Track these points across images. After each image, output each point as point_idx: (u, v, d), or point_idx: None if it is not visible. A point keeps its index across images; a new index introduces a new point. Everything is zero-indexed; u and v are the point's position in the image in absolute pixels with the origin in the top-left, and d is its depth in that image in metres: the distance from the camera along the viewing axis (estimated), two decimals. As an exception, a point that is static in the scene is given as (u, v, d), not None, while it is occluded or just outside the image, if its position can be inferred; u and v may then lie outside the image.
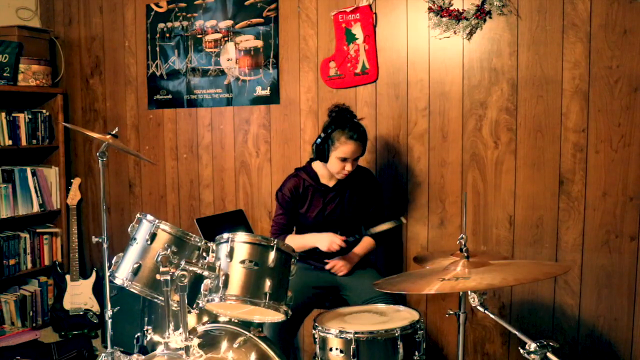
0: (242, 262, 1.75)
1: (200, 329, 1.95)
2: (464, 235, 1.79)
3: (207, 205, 3.36)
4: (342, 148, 2.30)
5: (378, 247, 2.54)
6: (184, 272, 1.67)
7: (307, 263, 2.49)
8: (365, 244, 2.50)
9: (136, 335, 2.21)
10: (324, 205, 2.44)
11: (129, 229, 1.93)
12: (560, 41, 2.40)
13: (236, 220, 2.91)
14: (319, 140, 2.35)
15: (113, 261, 1.92)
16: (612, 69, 2.32)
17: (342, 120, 2.34)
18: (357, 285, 2.39)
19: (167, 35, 3.40)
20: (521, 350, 1.51)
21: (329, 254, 2.40)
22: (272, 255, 1.77)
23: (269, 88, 3.10)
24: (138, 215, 1.93)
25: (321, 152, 2.35)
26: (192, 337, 1.75)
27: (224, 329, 1.95)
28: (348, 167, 2.33)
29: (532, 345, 1.49)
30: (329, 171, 2.41)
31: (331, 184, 2.46)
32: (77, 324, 3.46)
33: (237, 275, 1.74)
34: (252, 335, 1.90)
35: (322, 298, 2.44)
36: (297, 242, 2.38)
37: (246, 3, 3.12)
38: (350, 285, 2.42)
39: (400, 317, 2.04)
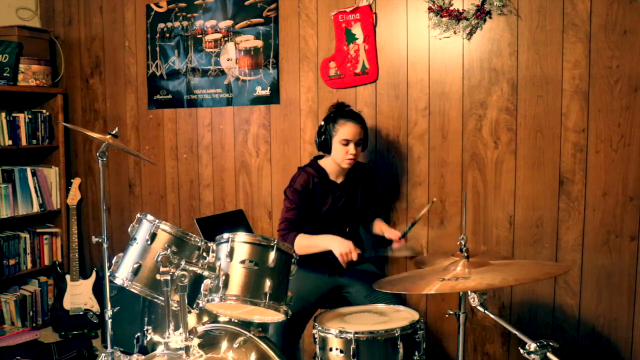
0: (242, 262, 1.75)
1: (200, 329, 1.95)
2: (464, 236, 1.79)
3: (207, 205, 3.36)
4: (342, 130, 2.34)
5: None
6: (184, 272, 1.67)
7: (306, 270, 2.39)
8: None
9: (136, 335, 2.21)
10: (334, 201, 2.43)
11: (129, 229, 1.93)
12: (560, 41, 2.40)
13: (236, 220, 2.91)
14: (319, 131, 2.40)
15: (113, 261, 1.92)
16: (612, 69, 2.31)
17: (339, 109, 2.43)
18: (357, 282, 2.39)
19: (167, 35, 3.40)
20: (521, 350, 1.51)
21: (328, 261, 2.35)
22: (272, 255, 1.77)
23: (269, 88, 3.10)
24: (138, 215, 1.93)
25: (324, 142, 2.39)
26: (192, 337, 1.74)
27: (224, 329, 1.95)
28: (351, 149, 2.34)
29: (532, 345, 1.49)
30: (335, 163, 2.41)
31: (339, 180, 2.46)
32: (77, 324, 3.46)
33: (237, 275, 1.75)
34: (252, 335, 1.90)
35: (324, 300, 2.44)
36: (309, 241, 2.30)
37: (246, 3, 3.12)
38: (351, 282, 2.42)
39: (400, 317, 2.04)
